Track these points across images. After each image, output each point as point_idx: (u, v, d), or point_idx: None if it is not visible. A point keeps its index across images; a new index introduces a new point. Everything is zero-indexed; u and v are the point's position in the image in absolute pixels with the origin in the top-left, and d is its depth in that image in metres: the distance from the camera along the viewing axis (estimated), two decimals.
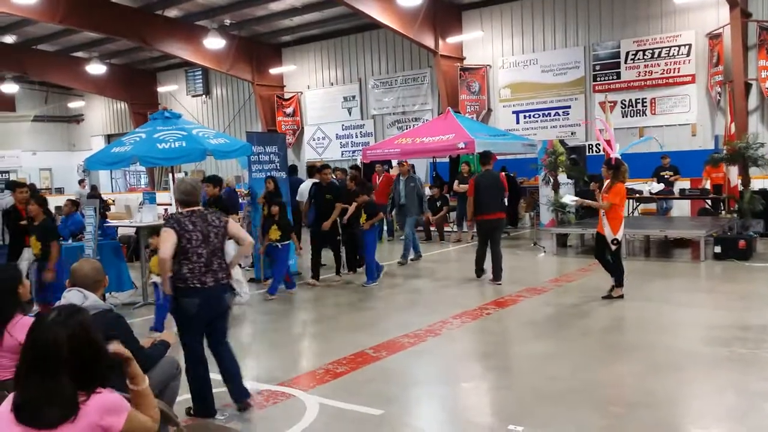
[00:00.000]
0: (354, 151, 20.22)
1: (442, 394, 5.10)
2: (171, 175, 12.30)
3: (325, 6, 17.72)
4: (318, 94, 21.45)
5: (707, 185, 12.93)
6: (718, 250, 10.18)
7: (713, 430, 4.21)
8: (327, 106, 21.24)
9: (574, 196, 8.88)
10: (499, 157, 14.16)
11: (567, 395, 4.79)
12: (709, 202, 12.92)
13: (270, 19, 19.02)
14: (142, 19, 18.05)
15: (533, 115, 17.22)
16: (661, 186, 13.06)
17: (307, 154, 21.77)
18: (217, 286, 4.58)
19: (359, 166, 14.63)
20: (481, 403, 4.93)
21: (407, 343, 6.29)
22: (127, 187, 28.22)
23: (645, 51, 15.48)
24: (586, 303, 7.72)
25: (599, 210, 7.79)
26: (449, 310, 7.57)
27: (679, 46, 15.06)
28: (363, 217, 9.53)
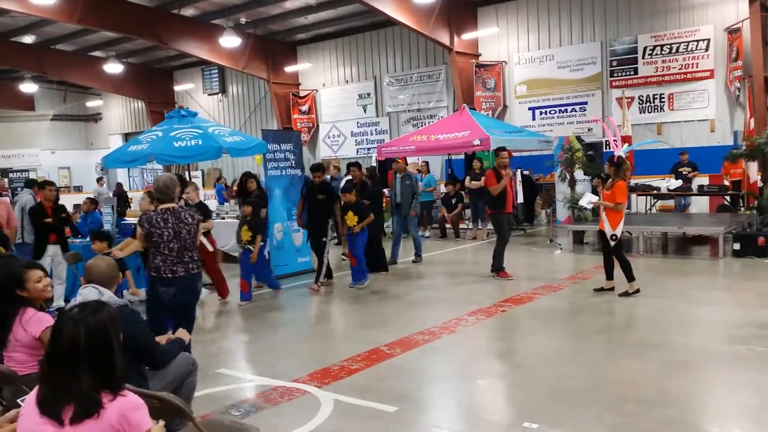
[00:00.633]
0: (369, 148, 20.23)
1: (456, 392, 5.11)
2: (187, 173, 12.40)
3: (339, 3, 17.73)
4: (333, 92, 21.48)
5: (726, 182, 12.80)
6: (737, 247, 10.07)
7: (730, 428, 4.17)
8: (342, 103, 21.27)
9: (593, 197, 8.78)
10: (514, 153, 14.13)
11: (582, 393, 4.78)
12: (728, 198, 12.78)
13: (285, 17, 19.06)
14: (158, 19, 18.17)
15: (549, 112, 17.12)
16: (680, 182, 12.94)
17: (323, 152, 21.82)
18: (188, 275, 5.16)
19: (374, 166, 14.59)
20: (496, 400, 4.92)
21: (422, 340, 6.30)
22: (144, 185, 28.46)
23: (663, 46, 15.32)
24: (603, 300, 7.68)
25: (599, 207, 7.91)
26: (464, 307, 7.56)
27: (697, 41, 14.88)
28: (353, 219, 9.04)
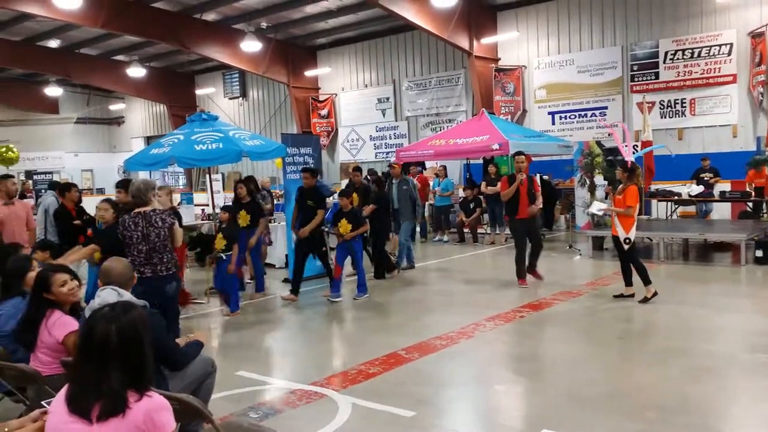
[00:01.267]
0: (387, 152, 20.26)
1: (474, 397, 5.10)
2: (208, 176, 12.49)
3: (360, 8, 17.81)
4: (352, 96, 21.56)
5: (749, 188, 12.63)
6: (759, 254, 9.93)
7: None
8: (361, 107, 21.34)
9: (602, 204, 8.78)
10: (534, 158, 14.07)
11: (602, 399, 4.74)
12: (750, 204, 12.61)
13: (305, 21, 19.19)
14: (180, 23, 18.38)
15: (569, 116, 17.04)
16: (701, 188, 12.80)
17: (341, 156, 21.90)
18: (155, 277, 5.47)
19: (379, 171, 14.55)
20: (515, 406, 4.90)
21: (439, 345, 6.29)
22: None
23: (684, 50, 15.18)
24: (623, 307, 7.61)
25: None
26: (482, 312, 7.55)
27: (719, 46, 14.73)
28: (346, 227, 8.59)
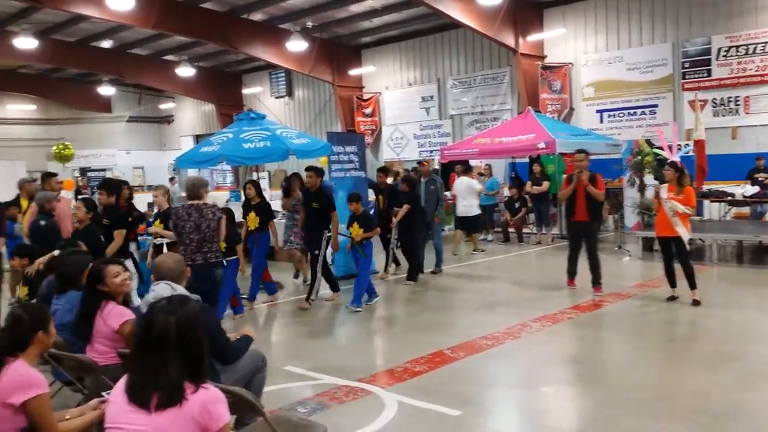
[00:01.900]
0: (431, 151, 20.21)
1: (521, 398, 5.07)
2: (255, 174, 12.70)
3: (404, 7, 17.80)
4: (396, 95, 21.58)
5: None
6: None
7: None
8: (405, 106, 21.33)
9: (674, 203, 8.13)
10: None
11: (651, 404, 4.66)
12: None
13: (350, 21, 19.29)
14: (228, 23, 18.69)
15: (618, 114, 16.70)
16: (756, 189, 12.39)
17: (385, 154, 21.94)
18: (205, 264, 5.93)
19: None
20: (562, 408, 4.85)
21: (485, 345, 6.27)
22: (213, 186, 29.30)
23: (738, 47, 14.71)
24: (673, 309, 7.45)
25: (664, 214, 7.51)
26: (529, 312, 7.48)
27: None
28: (358, 231, 8.18)
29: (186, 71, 22.19)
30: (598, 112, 17.04)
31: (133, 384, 2.38)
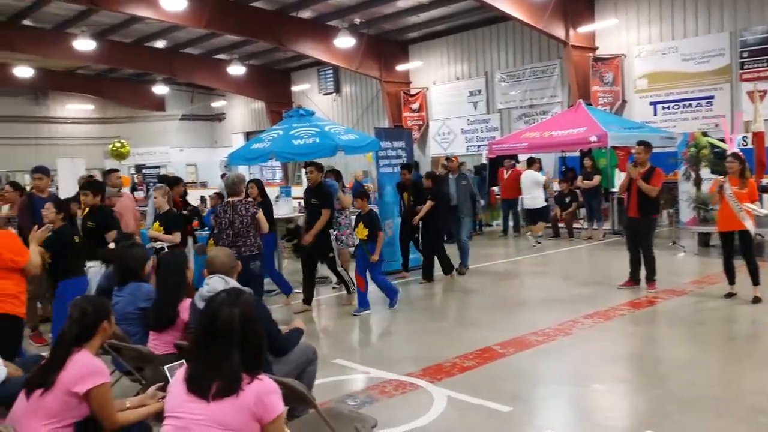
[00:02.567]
0: (479, 145, 20.06)
1: (572, 395, 4.99)
2: (303, 170, 12.81)
3: (451, 1, 17.70)
4: (443, 89, 21.47)
5: None
6: None
7: None
8: (452, 101, 21.21)
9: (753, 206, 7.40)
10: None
11: (709, 402, 4.54)
12: None
13: (397, 16, 19.27)
14: (277, 21, 18.92)
15: (672, 106, 16.22)
16: None
17: (432, 150, 21.88)
18: (240, 257, 5.73)
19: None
20: (615, 405, 4.76)
21: (535, 341, 6.20)
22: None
23: None
24: (732, 306, 7.22)
25: (727, 207, 7.18)
26: (580, 309, 7.36)
27: None
28: (363, 232, 7.77)
29: (237, 69, 22.57)
30: (651, 104, 16.60)
31: (194, 374, 2.44)
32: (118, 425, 3.04)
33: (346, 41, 18.68)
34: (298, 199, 13.82)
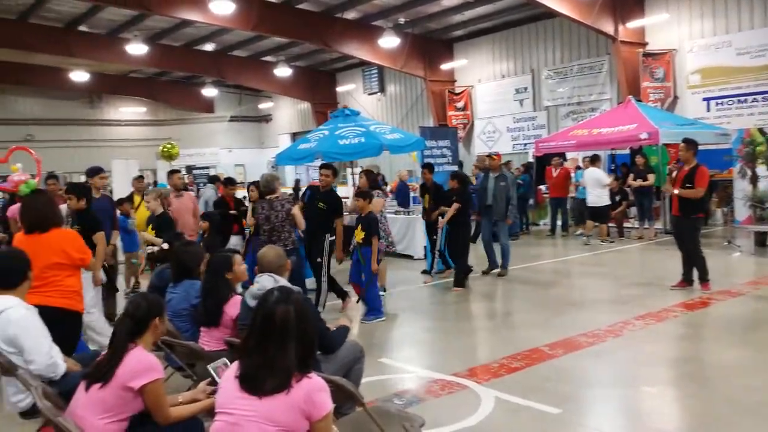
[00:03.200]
0: (525, 143, 19.83)
1: (623, 398, 4.89)
2: (349, 169, 12.92)
3: None
4: (489, 87, 21.29)
5: None
6: None
7: None
8: (498, 99, 21.02)
9: None
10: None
11: (765, 408, 4.39)
12: None
13: (442, 15, 19.19)
14: (323, 23, 19.09)
15: (727, 102, 15.73)
16: None
17: (477, 148, 21.71)
18: None
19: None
20: (667, 409, 4.65)
21: (585, 343, 6.10)
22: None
23: None
24: None
25: None
26: (631, 310, 7.21)
27: None
28: (360, 236, 7.46)
29: (283, 71, 22.86)
30: (704, 100, 16.12)
31: (246, 371, 2.48)
32: (171, 420, 3.11)
33: (390, 41, 18.71)
34: (343, 198, 13.93)
